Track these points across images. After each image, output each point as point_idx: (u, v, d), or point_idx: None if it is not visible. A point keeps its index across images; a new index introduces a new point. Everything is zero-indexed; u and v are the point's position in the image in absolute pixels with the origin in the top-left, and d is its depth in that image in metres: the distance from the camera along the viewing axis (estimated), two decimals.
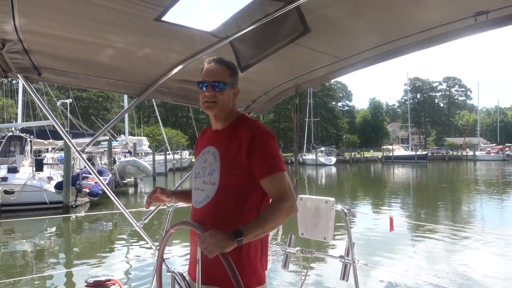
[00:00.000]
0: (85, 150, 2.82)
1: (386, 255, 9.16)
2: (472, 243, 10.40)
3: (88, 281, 2.89)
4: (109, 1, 1.72)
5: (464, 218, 15.15)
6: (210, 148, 1.95)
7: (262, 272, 1.89)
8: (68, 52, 2.22)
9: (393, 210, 17.15)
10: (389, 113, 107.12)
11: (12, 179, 16.72)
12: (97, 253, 10.66)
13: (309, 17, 1.98)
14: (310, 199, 2.84)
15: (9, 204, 16.08)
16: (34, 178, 17.20)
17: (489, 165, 56.10)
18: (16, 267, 9.31)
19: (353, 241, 2.66)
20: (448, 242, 10.55)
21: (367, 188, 29.00)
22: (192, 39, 2.18)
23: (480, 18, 1.91)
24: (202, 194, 1.90)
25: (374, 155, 70.16)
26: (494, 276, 7.73)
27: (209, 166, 1.90)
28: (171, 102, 3.02)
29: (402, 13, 2.03)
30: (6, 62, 2.17)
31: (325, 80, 2.85)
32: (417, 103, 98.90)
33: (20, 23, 1.83)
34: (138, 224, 2.85)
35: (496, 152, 70.71)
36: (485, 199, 21.16)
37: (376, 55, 2.41)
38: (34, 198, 16.50)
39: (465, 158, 71.00)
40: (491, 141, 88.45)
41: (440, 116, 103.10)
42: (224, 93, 1.89)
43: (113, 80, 2.62)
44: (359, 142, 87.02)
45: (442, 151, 76.24)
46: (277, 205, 1.73)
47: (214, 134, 2.00)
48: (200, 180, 1.93)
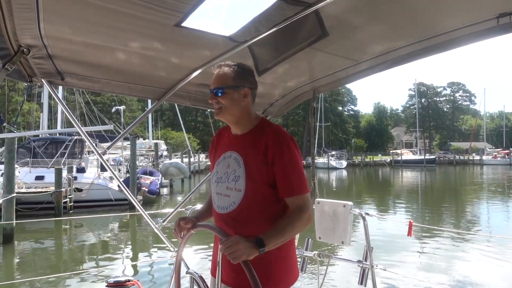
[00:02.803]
0: None
1: (404, 260, 8.89)
2: (495, 249, 9.88)
3: (108, 281, 2.87)
4: (130, 8, 1.69)
5: (484, 223, 14.68)
6: (232, 153, 1.88)
7: (293, 272, 1.89)
8: (90, 57, 2.20)
9: (408, 214, 16.87)
10: (393, 118, 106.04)
11: (80, 178, 17.93)
12: (117, 254, 10.67)
13: (327, 21, 1.92)
14: (328, 203, 2.75)
15: (80, 201, 17.32)
16: (99, 178, 18.51)
17: (495, 169, 55.15)
18: (36, 266, 9.34)
19: (371, 246, 2.55)
20: (467, 247, 10.15)
21: (382, 191, 28.60)
22: (211, 44, 2.14)
23: (502, 20, 1.82)
24: (227, 200, 1.85)
25: (383, 159, 69.62)
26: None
27: (232, 172, 1.84)
28: (190, 105, 2.98)
29: (421, 16, 1.95)
30: (31, 67, 2.16)
31: (343, 84, 2.77)
32: (422, 108, 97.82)
33: (45, 29, 1.82)
34: (157, 226, 2.81)
35: (502, 157, 69.60)
36: (503, 204, 20.61)
37: (394, 58, 2.32)
38: (100, 195, 17.79)
39: (472, 162, 69.87)
40: (496, 145, 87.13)
41: (445, 120, 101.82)
42: (226, 97, 1.81)
43: (133, 84, 2.59)
44: (366, 146, 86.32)
45: (448, 155, 75.19)
46: (297, 215, 1.72)
47: (235, 138, 1.92)
48: (224, 185, 1.87)
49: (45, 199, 15.50)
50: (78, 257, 10.35)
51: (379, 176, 47.13)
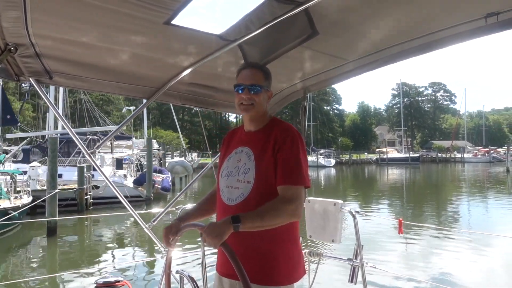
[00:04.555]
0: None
1: (394, 257, 8.88)
2: (480, 244, 9.88)
3: (97, 281, 2.79)
4: (119, 5, 1.64)
5: (472, 220, 14.71)
6: (244, 148, 1.92)
7: (298, 267, 1.86)
8: (79, 56, 2.13)
9: (398, 211, 16.91)
10: (376, 117, 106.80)
11: (97, 176, 17.89)
12: (106, 254, 10.49)
13: (317, 19, 1.90)
14: (318, 201, 2.70)
15: (98, 198, 17.45)
16: (115, 175, 18.98)
17: (476, 166, 56.25)
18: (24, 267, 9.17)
19: (361, 244, 2.51)
20: (454, 243, 10.14)
21: (371, 189, 28.78)
22: (201, 42, 2.09)
23: (490, 20, 1.80)
24: (236, 192, 1.86)
25: (369, 157, 70.30)
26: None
27: (243, 166, 1.87)
28: (180, 105, 2.91)
29: (411, 15, 1.92)
30: (18, 66, 2.10)
31: (334, 83, 2.72)
32: (404, 107, 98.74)
33: (32, 27, 1.76)
34: (147, 226, 2.75)
35: (483, 155, 70.98)
36: (488, 200, 20.84)
37: (384, 57, 2.29)
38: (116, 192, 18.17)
39: (454, 160, 71.05)
40: (476, 143, 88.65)
41: (426, 119, 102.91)
42: (260, 96, 1.88)
43: (123, 83, 2.51)
44: (352, 144, 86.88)
45: (431, 153, 76.30)
46: (282, 204, 1.70)
47: (247, 135, 1.96)
48: (234, 178, 1.89)
49: (69, 196, 15.87)
50: (62, 259, 10.14)
51: (366, 174, 47.50)
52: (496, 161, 65.55)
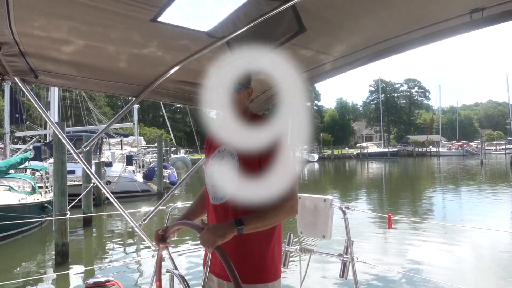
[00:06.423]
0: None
1: (384, 252, 8.85)
2: (473, 238, 9.78)
3: (88, 282, 2.69)
4: (104, 3, 1.56)
5: (456, 212, 14.73)
6: (226, 146, 1.86)
7: (279, 264, 1.84)
8: (65, 54, 2.03)
9: (386, 206, 16.87)
10: (354, 113, 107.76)
11: (109, 172, 18.41)
12: (96, 254, 10.20)
13: (304, 16, 1.84)
14: (309, 198, 2.66)
15: (111, 192, 17.01)
16: (125, 171, 19.42)
17: (450, 160, 57.52)
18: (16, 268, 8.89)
19: (351, 239, 2.48)
20: (444, 237, 10.05)
21: (354, 182, 28.98)
22: (188, 40, 2.02)
23: (475, 15, 1.78)
24: (221, 191, 1.81)
25: (349, 152, 71.20)
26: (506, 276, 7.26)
27: (226, 164, 1.81)
28: (169, 102, 2.82)
29: (398, 11, 1.88)
30: (3, 65, 2.01)
31: (322, 79, 2.67)
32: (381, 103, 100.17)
33: (16, 26, 1.68)
34: (138, 225, 2.66)
35: (456, 149, 72.65)
36: (470, 191, 21.08)
37: (372, 53, 2.26)
38: (128, 187, 18.67)
39: (429, 154, 72.39)
40: (450, 138, 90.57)
41: (402, 115, 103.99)
42: (240, 93, 1.84)
43: (111, 82, 2.42)
44: (332, 140, 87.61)
45: (408, 148, 77.63)
46: (280, 203, 1.66)
47: (229, 133, 1.88)
48: (217, 177, 1.84)
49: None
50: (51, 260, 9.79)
51: (348, 168, 47.96)
52: (469, 154, 67.15)
